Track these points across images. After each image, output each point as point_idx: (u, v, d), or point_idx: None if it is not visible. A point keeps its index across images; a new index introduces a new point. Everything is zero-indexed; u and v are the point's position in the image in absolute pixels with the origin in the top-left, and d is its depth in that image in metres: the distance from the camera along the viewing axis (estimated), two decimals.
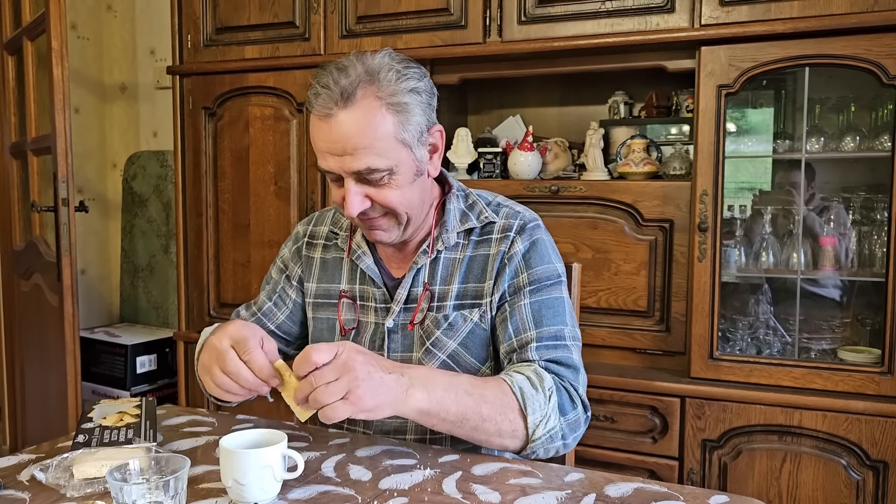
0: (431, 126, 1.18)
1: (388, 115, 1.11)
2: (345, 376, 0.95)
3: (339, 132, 1.09)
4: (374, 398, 0.97)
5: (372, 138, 1.09)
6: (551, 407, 1.11)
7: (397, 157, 1.13)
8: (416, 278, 1.25)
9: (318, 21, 2.33)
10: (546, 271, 1.24)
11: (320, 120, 1.11)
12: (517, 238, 1.24)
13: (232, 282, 2.55)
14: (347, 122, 1.09)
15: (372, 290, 1.28)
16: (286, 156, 2.41)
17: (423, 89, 1.15)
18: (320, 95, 1.10)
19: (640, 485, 1.00)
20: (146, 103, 3.43)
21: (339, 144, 1.10)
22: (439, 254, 1.26)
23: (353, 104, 1.09)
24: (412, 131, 1.13)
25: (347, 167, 1.11)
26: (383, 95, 1.10)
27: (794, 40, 1.83)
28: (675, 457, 1.99)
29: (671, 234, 2.04)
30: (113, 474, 0.86)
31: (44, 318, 2.70)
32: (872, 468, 1.81)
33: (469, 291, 1.24)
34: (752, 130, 2.11)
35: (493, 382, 1.11)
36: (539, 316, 1.21)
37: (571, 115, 2.51)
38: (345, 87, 1.09)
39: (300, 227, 1.41)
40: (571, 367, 1.19)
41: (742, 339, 2.06)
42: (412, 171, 1.16)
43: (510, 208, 1.29)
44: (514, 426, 1.09)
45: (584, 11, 2.04)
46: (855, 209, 2.01)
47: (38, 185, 2.83)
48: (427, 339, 1.24)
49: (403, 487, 0.98)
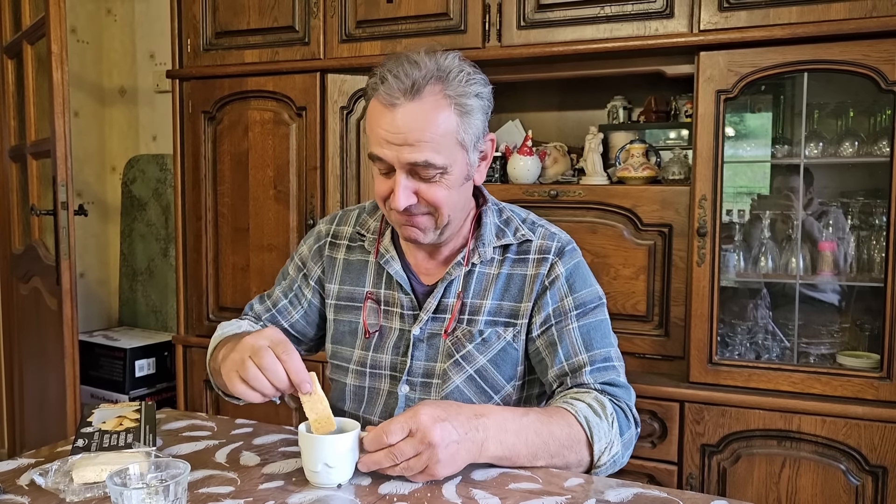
0: (486, 133, 1.20)
1: (454, 113, 1.12)
2: (425, 452, 0.97)
3: (404, 122, 1.09)
4: (452, 468, 0.99)
5: (434, 133, 1.10)
6: (615, 433, 1.14)
7: (454, 156, 1.13)
8: (449, 288, 1.25)
9: (317, 25, 2.34)
10: (590, 294, 1.25)
11: (384, 107, 1.11)
12: (557, 261, 1.24)
13: (231, 286, 2.54)
14: (413, 114, 1.09)
15: (399, 296, 1.27)
16: (286, 160, 2.41)
17: (485, 96, 1.17)
18: (388, 82, 1.10)
19: (639, 490, 1.00)
20: (146, 107, 3.43)
21: (402, 135, 1.10)
22: (474, 266, 1.25)
23: (421, 97, 1.09)
24: (472, 134, 1.15)
25: (404, 158, 1.11)
26: (451, 94, 1.11)
27: (792, 46, 1.83)
28: (675, 461, 1.99)
29: (670, 239, 2.05)
30: (113, 479, 0.85)
31: (43, 322, 2.70)
32: (871, 473, 1.81)
33: (504, 309, 1.24)
34: (750, 135, 2.12)
35: (558, 416, 1.11)
36: (589, 339, 1.22)
37: (570, 120, 2.51)
38: (416, 80, 1.09)
39: (322, 226, 1.40)
40: (623, 387, 1.22)
41: (741, 344, 2.06)
42: (464, 173, 1.17)
43: (545, 228, 1.29)
44: (579, 457, 1.11)
45: (584, 16, 2.04)
46: (853, 214, 2.02)
47: (37, 188, 2.83)
48: (457, 351, 1.23)
49: (403, 492, 0.98)
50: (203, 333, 2.59)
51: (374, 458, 0.99)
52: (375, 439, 0.98)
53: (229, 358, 1.06)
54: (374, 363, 1.28)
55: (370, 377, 1.29)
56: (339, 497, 0.97)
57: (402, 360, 1.26)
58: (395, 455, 0.97)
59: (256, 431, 1.22)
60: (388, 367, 1.27)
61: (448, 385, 1.23)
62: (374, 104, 1.13)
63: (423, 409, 1.00)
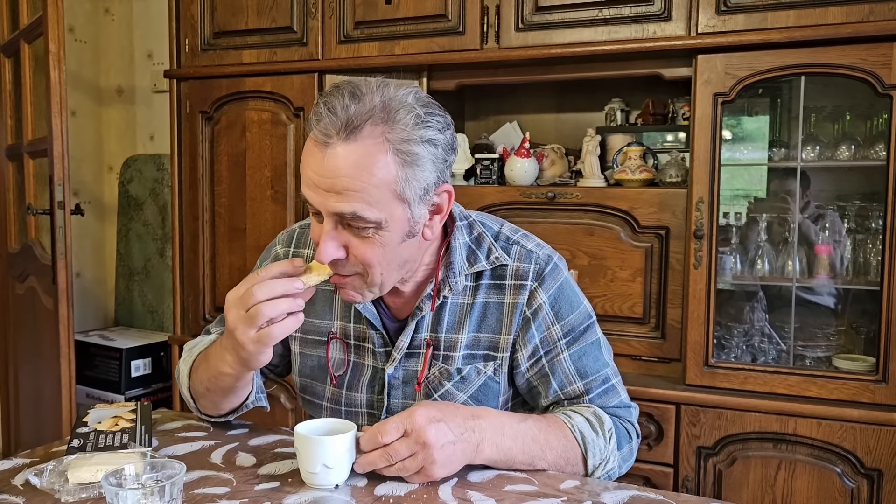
0: (440, 185, 1.03)
1: (392, 162, 0.96)
2: (420, 453, 0.96)
3: (333, 166, 0.95)
4: (448, 469, 0.99)
5: (367, 182, 0.95)
6: (611, 449, 1.13)
7: (390, 210, 0.98)
8: (421, 324, 1.15)
9: (315, 26, 2.34)
10: (578, 317, 1.17)
11: (315, 146, 0.98)
12: (538, 288, 1.14)
13: (228, 286, 2.52)
14: (344, 158, 0.95)
15: (369, 333, 1.17)
16: (283, 160, 2.41)
17: (440, 142, 1.01)
18: (322, 119, 0.96)
19: (635, 492, 1.00)
20: (143, 107, 3.43)
21: (329, 180, 0.96)
22: (446, 300, 1.15)
23: (356, 139, 0.95)
24: (415, 187, 0.99)
25: (330, 207, 0.97)
26: (393, 139, 0.96)
27: (789, 49, 1.84)
28: (671, 464, 1.99)
29: (667, 241, 2.05)
30: (108, 479, 0.85)
31: (38, 322, 2.70)
32: (867, 476, 1.82)
33: (482, 342, 1.16)
34: (747, 138, 2.12)
35: (555, 426, 1.10)
36: (582, 367, 1.16)
37: (568, 122, 2.52)
38: (352, 117, 0.95)
39: (279, 249, 1.26)
40: (626, 407, 1.20)
41: (737, 347, 2.06)
42: (403, 230, 1.02)
43: (521, 246, 1.16)
44: (574, 469, 1.10)
45: (582, 19, 2.04)
46: (850, 217, 2.02)
47: (34, 187, 2.83)
48: (434, 391, 1.16)
49: (399, 494, 0.98)
50: (199, 334, 2.57)
51: (370, 459, 0.98)
52: (371, 439, 0.98)
53: (219, 348, 1.05)
54: (348, 401, 1.22)
55: (346, 415, 1.22)
56: (336, 498, 0.97)
57: (378, 398, 1.19)
58: (391, 455, 0.97)
59: (252, 432, 1.22)
60: (364, 405, 1.21)
61: None
62: (308, 141, 1.00)
63: (419, 409, 0.99)
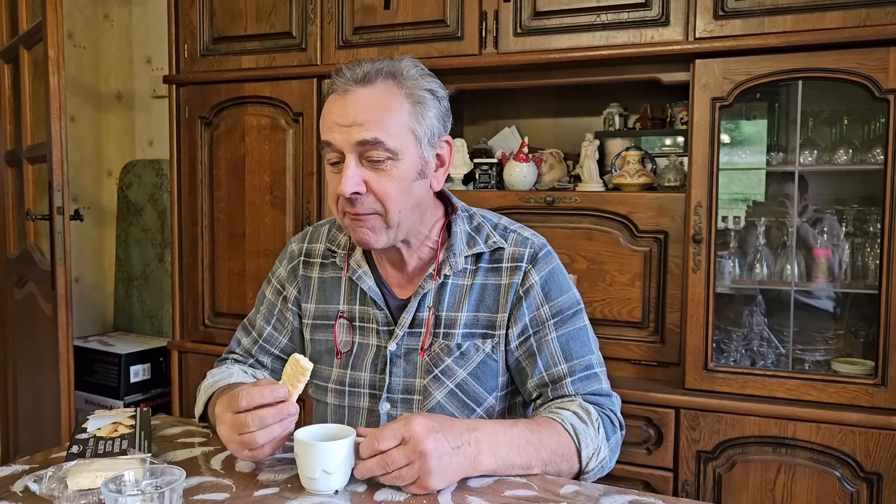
0: (443, 135, 1.18)
1: (406, 102, 1.12)
2: (416, 462, 0.97)
3: (354, 104, 1.10)
4: (444, 481, 0.99)
5: (386, 115, 1.10)
6: (601, 438, 1.14)
7: (405, 143, 1.12)
8: (423, 302, 1.22)
9: (314, 32, 2.34)
10: (567, 301, 1.22)
11: (337, 95, 1.13)
12: (531, 269, 1.21)
13: (227, 291, 2.54)
14: (365, 97, 1.10)
15: (373, 312, 1.25)
16: (282, 165, 2.41)
17: (440, 96, 1.17)
18: (343, 74, 1.12)
19: (635, 497, 1.00)
20: (142, 112, 3.43)
21: (351, 116, 1.10)
22: (446, 279, 1.22)
23: (373, 85, 1.11)
24: (425, 126, 1.14)
25: (354, 137, 1.09)
26: (403, 85, 1.13)
27: (787, 54, 1.84)
28: (670, 468, 1.99)
29: (666, 246, 2.05)
30: (108, 485, 0.85)
31: (37, 327, 2.69)
32: (866, 480, 1.82)
33: (480, 320, 1.22)
34: (745, 142, 2.13)
35: (546, 425, 1.12)
36: (568, 349, 1.20)
37: (567, 127, 2.52)
38: (367, 72, 1.11)
39: (294, 246, 1.37)
40: (607, 395, 1.22)
41: (736, 351, 2.06)
42: (416, 167, 1.14)
43: (517, 233, 1.25)
44: (570, 465, 1.12)
45: (580, 24, 2.05)
46: (848, 221, 2.02)
47: (33, 193, 2.83)
48: (435, 366, 1.21)
49: (399, 499, 0.98)
50: (199, 339, 2.59)
51: (368, 466, 0.99)
52: (369, 445, 0.99)
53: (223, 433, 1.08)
54: (352, 381, 1.26)
55: (349, 396, 1.26)
56: None
57: (380, 377, 1.23)
58: (388, 463, 0.97)
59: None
60: (366, 384, 1.25)
61: (429, 401, 1.21)
62: (329, 97, 1.15)
63: (417, 419, 1.00)
